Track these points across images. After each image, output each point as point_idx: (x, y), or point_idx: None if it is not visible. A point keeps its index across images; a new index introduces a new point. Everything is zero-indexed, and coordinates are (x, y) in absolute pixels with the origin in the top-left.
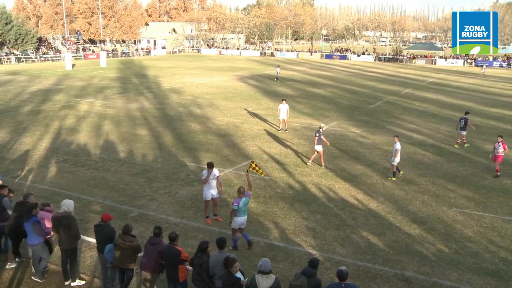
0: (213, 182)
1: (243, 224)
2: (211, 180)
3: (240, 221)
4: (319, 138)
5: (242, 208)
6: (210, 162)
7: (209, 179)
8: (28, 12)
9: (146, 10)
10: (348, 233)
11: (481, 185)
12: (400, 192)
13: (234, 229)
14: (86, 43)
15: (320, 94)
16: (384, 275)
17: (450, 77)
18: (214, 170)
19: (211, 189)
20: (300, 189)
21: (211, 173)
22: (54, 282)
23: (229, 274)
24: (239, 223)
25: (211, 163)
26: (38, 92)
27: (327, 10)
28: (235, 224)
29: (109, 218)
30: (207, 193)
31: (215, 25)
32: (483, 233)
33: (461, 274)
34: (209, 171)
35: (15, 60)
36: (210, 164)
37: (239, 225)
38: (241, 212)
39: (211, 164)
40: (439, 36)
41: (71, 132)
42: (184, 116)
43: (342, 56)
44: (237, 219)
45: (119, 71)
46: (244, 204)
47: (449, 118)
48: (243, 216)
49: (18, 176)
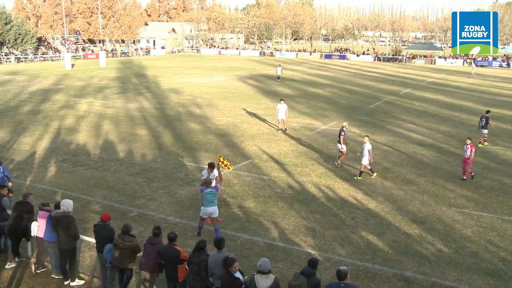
0: (213, 183)
1: (213, 215)
2: (211, 181)
3: (207, 211)
4: (344, 137)
5: (209, 199)
6: (211, 162)
7: (210, 180)
8: (27, 12)
9: (146, 10)
10: (347, 233)
11: (481, 185)
12: (399, 192)
13: (202, 217)
14: (85, 43)
15: (320, 94)
16: (384, 275)
17: (449, 77)
18: (214, 170)
19: None
20: (299, 189)
21: (211, 173)
22: (54, 282)
23: (228, 274)
24: (206, 212)
25: (212, 163)
26: (38, 92)
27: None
28: (202, 213)
29: (108, 218)
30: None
31: (215, 25)
32: (483, 233)
33: (461, 274)
34: (209, 171)
35: (15, 60)
36: (211, 164)
37: (206, 214)
38: (207, 203)
39: (212, 165)
40: (438, 36)
41: (71, 132)
42: (183, 116)
43: (342, 56)
44: (204, 209)
45: (119, 71)
46: (211, 195)
47: (449, 118)
48: (210, 206)
49: (18, 176)
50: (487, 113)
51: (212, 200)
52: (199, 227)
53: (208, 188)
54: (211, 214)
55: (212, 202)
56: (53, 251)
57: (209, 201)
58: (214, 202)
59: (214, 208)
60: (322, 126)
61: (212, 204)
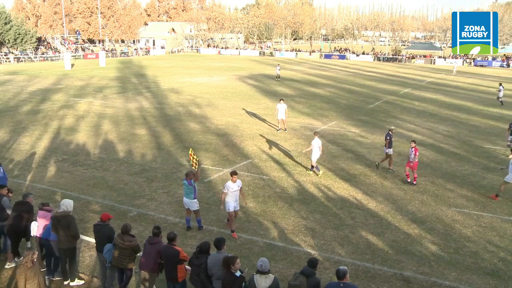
0: (236, 193)
1: (190, 208)
2: (233, 192)
3: (184, 201)
4: (390, 140)
5: (185, 190)
6: (233, 170)
7: (232, 191)
8: (27, 12)
9: (145, 10)
10: (347, 232)
11: (480, 185)
12: (399, 191)
13: (186, 208)
14: (85, 42)
15: (319, 94)
16: (383, 274)
17: (449, 77)
18: (238, 181)
19: (234, 200)
20: (299, 189)
21: (235, 182)
22: (54, 282)
23: (229, 273)
24: (184, 202)
25: (234, 171)
26: (37, 91)
27: (326, 9)
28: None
29: (108, 218)
30: (229, 204)
31: (214, 24)
32: (482, 232)
33: (460, 274)
34: (233, 179)
35: (14, 60)
36: (234, 172)
37: (185, 204)
38: (185, 193)
39: (234, 172)
40: (438, 36)
41: (70, 132)
42: (183, 115)
43: (341, 56)
44: (183, 198)
45: (118, 70)
46: (186, 187)
47: (448, 118)
48: (187, 198)
49: (17, 175)
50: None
51: (187, 193)
52: (186, 220)
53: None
54: (189, 207)
55: (188, 195)
56: (47, 251)
57: (185, 193)
58: (189, 195)
59: (190, 201)
60: (322, 126)
61: (187, 197)
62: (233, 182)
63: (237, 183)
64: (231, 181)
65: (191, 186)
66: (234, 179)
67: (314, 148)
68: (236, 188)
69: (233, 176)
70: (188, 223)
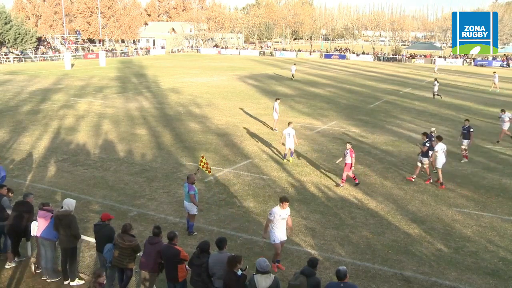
0: (284, 222)
1: (188, 210)
2: (281, 220)
3: (184, 203)
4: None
5: (185, 193)
6: (285, 196)
7: (279, 218)
8: (27, 12)
9: (145, 10)
10: (347, 232)
11: (481, 185)
12: (399, 191)
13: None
14: (85, 42)
15: (319, 94)
16: (383, 274)
17: (449, 77)
18: (287, 208)
19: (281, 229)
20: (299, 189)
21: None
22: (53, 282)
23: (232, 273)
24: (184, 205)
25: (286, 197)
26: (37, 91)
27: (326, 9)
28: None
29: (108, 218)
30: (275, 235)
31: (215, 24)
32: (482, 232)
33: (460, 274)
34: (283, 206)
35: (14, 60)
36: (285, 198)
37: (184, 206)
38: (185, 196)
39: (286, 198)
40: (438, 35)
41: (70, 132)
42: (183, 115)
43: (341, 56)
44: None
45: (118, 70)
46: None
47: (448, 118)
48: (186, 201)
49: (18, 175)
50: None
51: (188, 196)
52: (187, 221)
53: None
54: (188, 211)
55: (187, 199)
56: (45, 250)
57: (186, 196)
58: (187, 199)
59: (189, 205)
60: (322, 126)
61: (187, 200)
62: (282, 209)
63: (286, 211)
64: (280, 207)
65: (192, 192)
66: (284, 205)
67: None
68: (284, 215)
69: (284, 203)
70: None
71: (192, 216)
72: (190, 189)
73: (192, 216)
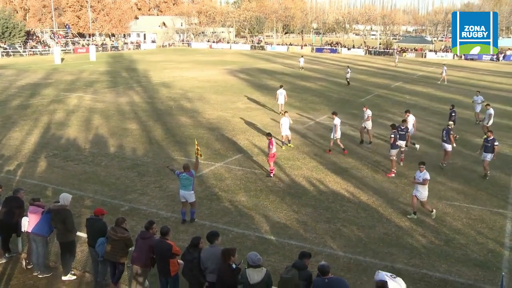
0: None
1: (188, 200)
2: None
3: (181, 194)
4: (448, 137)
5: (183, 183)
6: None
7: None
8: (15, 5)
9: (136, 4)
10: (339, 226)
11: (471, 178)
12: (390, 185)
13: (181, 201)
14: (75, 36)
15: (311, 88)
16: (375, 267)
17: (439, 70)
18: None
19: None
20: (291, 183)
21: None
22: (45, 277)
23: (227, 265)
24: (181, 195)
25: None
26: (27, 86)
27: (317, 3)
28: (179, 196)
29: (102, 213)
30: None
31: (206, 18)
32: (472, 225)
33: (450, 266)
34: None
35: (3, 54)
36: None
37: (182, 198)
38: (182, 186)
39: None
40: (429, 29)
41: (61, 127)
42: (174, 110)
43: (333, 50)
44: (180, 191)
45: (109, 65)
46: (185, 179)
47: (439, 111)
48: (185, 190)
49: (7, 171)
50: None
51: (186, 185)
52: (182, 213)
53: (183, 172)
54: (187, 199)
55: (186, 187)
56: (36, 246)
57: (183, 185)
58: (188, 187)
59: (189, 193)
60: (313, 120)
61: (186, 189)
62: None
63: None
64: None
65: (191, 177)
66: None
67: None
68: None
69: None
70: (184, 216)
71: (193, 203)
72: (191, 175)
73: (193, 203)
